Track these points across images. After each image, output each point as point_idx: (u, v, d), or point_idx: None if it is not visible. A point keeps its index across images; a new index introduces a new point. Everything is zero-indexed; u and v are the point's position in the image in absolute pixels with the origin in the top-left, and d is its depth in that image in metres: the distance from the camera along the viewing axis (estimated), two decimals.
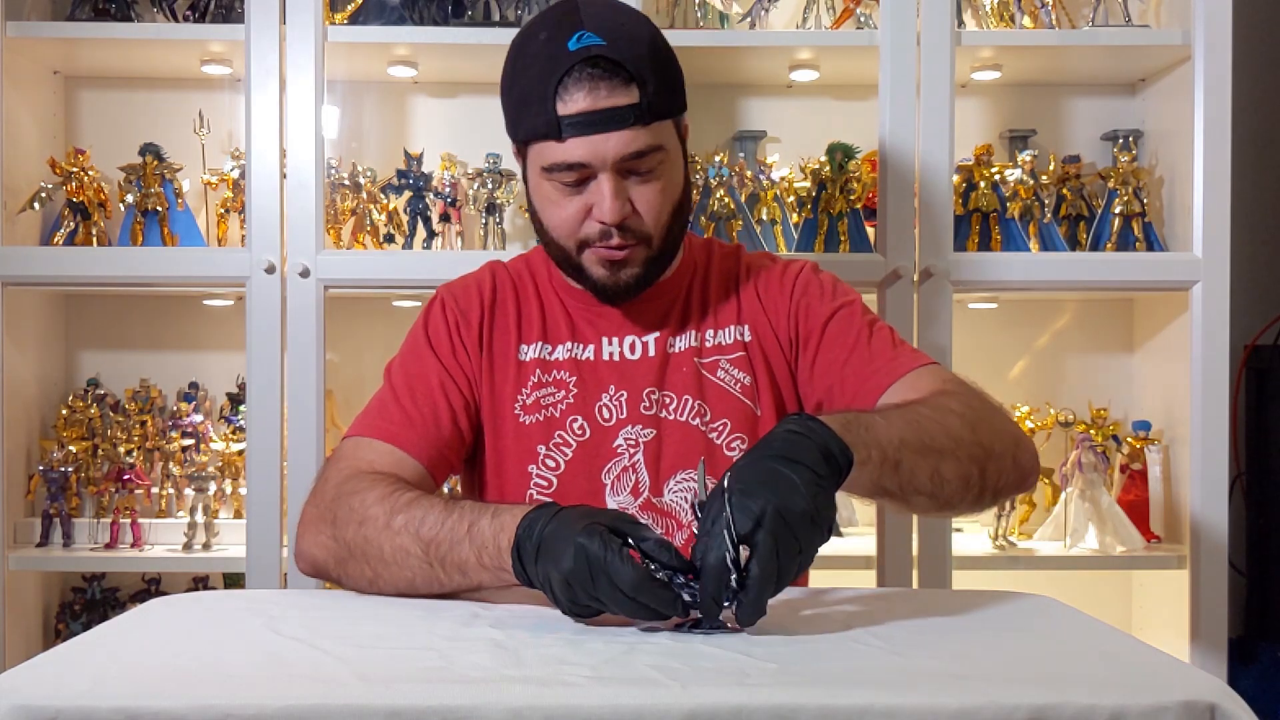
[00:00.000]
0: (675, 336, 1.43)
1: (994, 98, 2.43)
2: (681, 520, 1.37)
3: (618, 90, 1.27)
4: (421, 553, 1.17)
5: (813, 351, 1.41)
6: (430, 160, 2.28)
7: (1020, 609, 1.12)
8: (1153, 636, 2.26)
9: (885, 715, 0.79)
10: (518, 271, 1.49)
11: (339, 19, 2.20)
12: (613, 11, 1.33)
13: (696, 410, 1.39)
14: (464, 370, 1.41)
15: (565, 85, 1.27)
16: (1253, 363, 2.47)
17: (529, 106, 1.30)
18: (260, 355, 2.06)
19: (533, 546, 1.06)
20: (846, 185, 2.20)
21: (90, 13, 2.22)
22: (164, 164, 2.22)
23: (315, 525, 1.27)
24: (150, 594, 2.32)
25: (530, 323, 1.44)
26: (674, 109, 1.34)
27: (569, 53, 1.27)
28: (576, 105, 1.27)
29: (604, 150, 1.28)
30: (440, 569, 1.16)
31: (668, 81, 1.32)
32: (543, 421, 1.39)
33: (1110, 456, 2.27)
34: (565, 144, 1.28)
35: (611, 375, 1.41)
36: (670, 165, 1.34)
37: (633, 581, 0.97)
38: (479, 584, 1.16)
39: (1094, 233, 2.29)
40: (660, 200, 1.33)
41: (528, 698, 0.80)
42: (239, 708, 0.78)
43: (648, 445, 1.38)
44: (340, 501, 1.25)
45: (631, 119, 1.27)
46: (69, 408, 2.29)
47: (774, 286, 1.45)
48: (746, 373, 1.41)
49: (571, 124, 1.27)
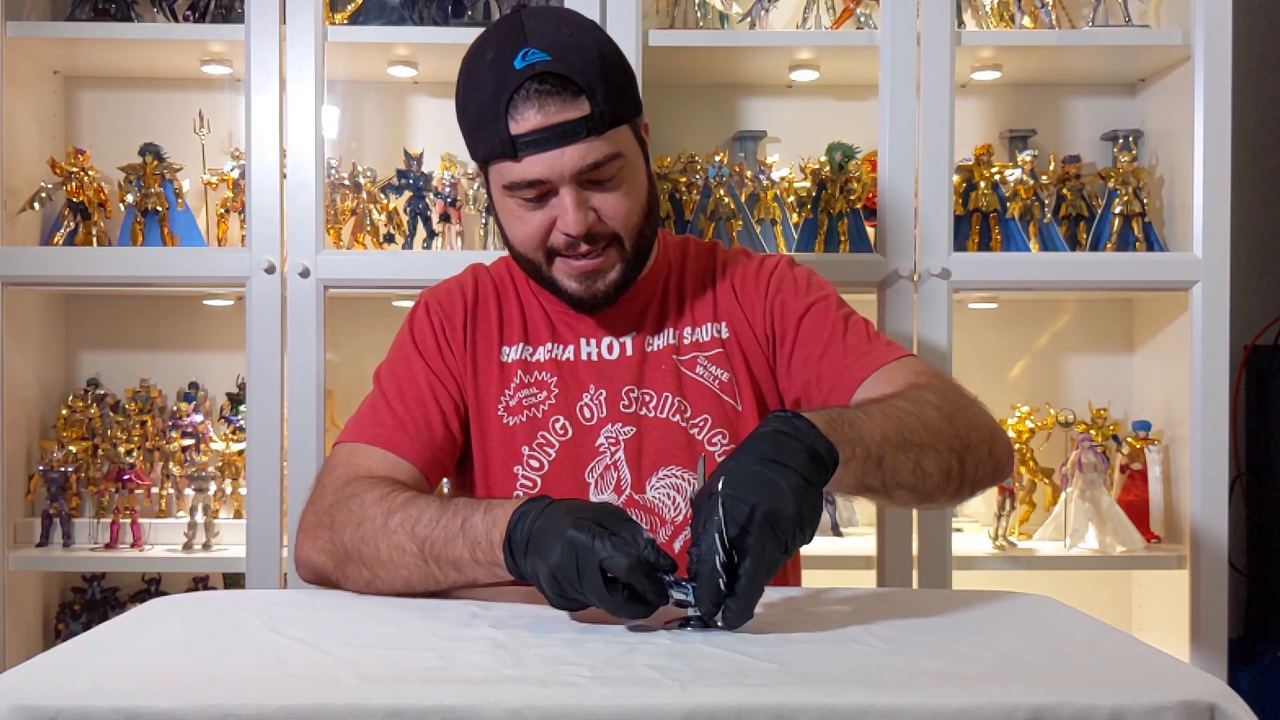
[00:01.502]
0: (652, 336, 1.44)
1: (994, 98, 2.43)
2: (664, 516, 1.38)
3: (568, 104, 1.26)
4: (417, 551, 1.18)
5: (789, 346, 1.41)
6: (430, 160, 2.28)
7: (1020, 609, 1.12)
8: (1153, 636, 2.26)
9: (885, 715, 0.79)
10: (499, 273, 1.49)
11: (339, 19, 2.20)
12: (557, 24, 1.31)
13: (676, 407, 1.40)
14: (451, 371, 1.42)
15: (515, 104, 1.26)
16: (1253, 363, 2.47)
17: (483, 128, 1.30)
18: (260, 355, 2.06)
19: (523, 540, 1.07)
20: (846, 185, 2.20)
21: (90, 13, 2.22)
22: (164, 164, 2.22)
23: (313, 531, 1.28)
24: (150, 594, 2.32)
25: (511, 324, 1.44)
26: (628, 114, 1.33)
27: (516, 71, 1.26)
28: (529, 123, 1.26)
29: (561, 165, 1.28)
30: (436, 566, 1.17)
31: (618, 88, 1.31)
32: (526, 422, 1.39)
33: (1110, 456, 2.27)
34: (522, 162, 1.28)
35: (591, 375, 1.41)
36: (631, 169, 1.33)
37: (626, 566, 0.98)
38: (474, 580, 1.16)
39: (1094, 233, 2.29)
40: (627, 205, 1.33)
41: (528, 698, 0.80)
42: (239, 708, 0.78)
43: (628, 443, 1.38)
44: (339, 506, 1.26)
45: (585, 131, 1.27)
46: (69, 408, 2.29)
47: (750, 283, 1.46)
48: (725, 369, 1.42)
49: (526, 142, 1.27)
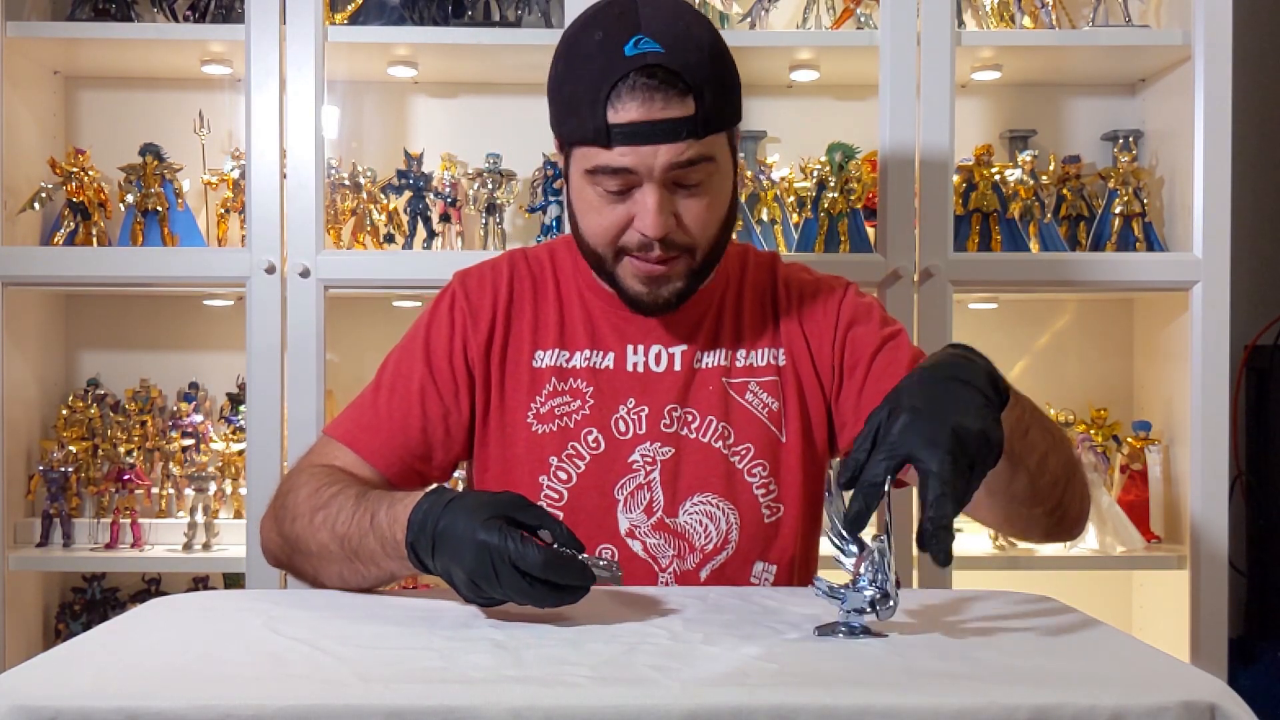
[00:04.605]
0: (704, 352, 1.37)
1: (994, 98, 2.43)
2: (694, 543, 1.33)
3: (673, 102, 1.20)
4: (339, 549, 1.19)
5: (860, 380, 1.35)
6: (430, 160, 2.28)
7: (1020, 609, 1.12)
8: (1153, 636, 2.26)
9: (885, 715, 0.79)
10: (539, 264, 1.42)
11: (339, 19, 2.20)
12: (673, 12, 1.25)
13: (720, 432, 1.35)
14: (456, 379, 1.36)
15: (619, 92, 1.20)
16: (1253, 363, 2.47)
17: (578, 109, 1.23)
18: (260, 355, 2.06)
19: (429, 540, 1.07)
20: (846, 185, 2.20)
21: (90, 13, 2.22)
22: (164, 164, 2.22)
23: (268, 520, 1.31)
24: (150, 594, 2.32)
25: (547, 327, 1.38)
26: (729, 120, 1.27)
27: (625, 58, 1.20)
28: (629, 115, 1.20)
29: (652, 161, 1.22)
30: (359, 562, 1.18)
31: (725, 92, 1.25)
32: (556, 432, 1.34)
33: (1110, 457, 2.27)
34: (612, 151, 1.22)
35: (632, 388, 1.35)
36: (720, 177, 1.27)
37: (540, 562, 0.99)
38: (394, 574, 1.18)
39: (1094, 233, 2.29)
40: (708, 215, 1.27)
41: (528, 698, 0.80)
42: (239, 708, 0.78)
43: (665, 464, 1.33)
44: (284, 497, 1.29)
45: (685, 133, 1.21)
46: (69, 408, 2.28)
47: (818, 312, 1.39)
48: (776, 398, 1.36)
49: (621, 133, 1.21)
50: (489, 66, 2.28)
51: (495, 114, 2.38)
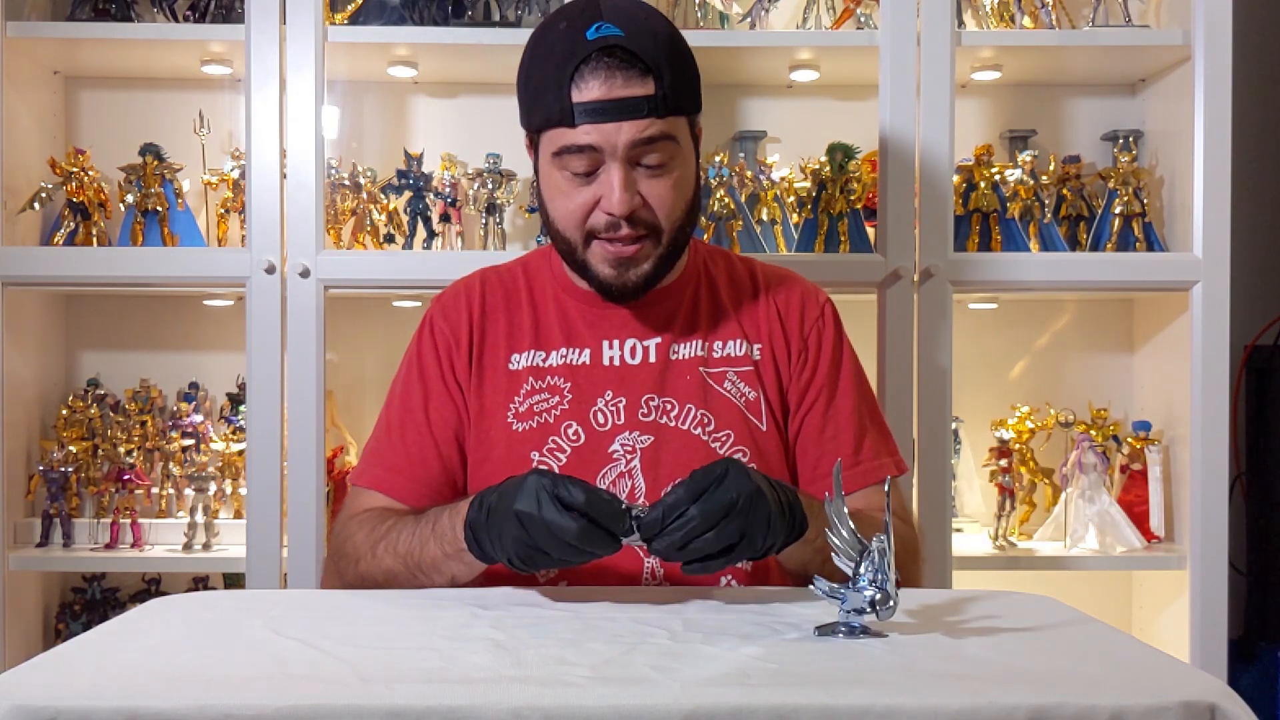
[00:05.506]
0: (679, 343, 1.42)
1: (994, 98, 2.43)
2: None
3: (633, 80, 1.28)
4: (404, 568, 1.25)
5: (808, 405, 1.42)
6: (430, 160, 2.28)
7: (1020, 609, 1.13)
8: (1153, 636, 2.26)
9: (885, 715, 0.79)
10: (511, 275, 1.48)
11: (339, 19, 2.20)
12: (633, 6, 1.33)
13: (699, 419, 1.38)
14: (449, 392, 1.41)
15: (581, 73, 1.27)
16: (1253, 363, 2.47)
17: (544, 94, 1.30)
18: (260, 355, 2.06)
19: (484, 525, 1.13)
20: (846, 185, 2.20)
21: (90, 13, 2.22)
22: (164, 164, 2.22)
23: (328, 580, 1.36)
24: (150, 594, 2.32)
25: (521, 331, 1.43)
26: (689, 106, 1.35)
27: (587, 41, 1.28)
28: (592, 93, 1.27)
29: (615, 138, 1.28)
30: (422, 574, 1.24)
31: (684, 77, 1.33)
32: (536, 428, 1.38)
33: (1110, 457, 2.27)
34: (577, 129, 1.28)
35: (609, 380, 1.40)
36: (682, 160, 1.34)
37: (576, 531, 1.05)
38: (454, 577, 1.23)
39: (1094, 233, 2.28)
40: (673, 196, 1.33)
41: (528, 698, 0.80)
42: (239, 708, 0.78)
43: (645, 451, 1.37)
44: (339, 551, 1.34)
45: (645, 110, 1.28)
46: (69, 408, 2.28)
47: (794, 311, 1.45)
48: (754, 388, 1.41)
49: (585, 110, 1.27)
50: (489, 66, 2.27)
51: (495, 114, 2.38)
